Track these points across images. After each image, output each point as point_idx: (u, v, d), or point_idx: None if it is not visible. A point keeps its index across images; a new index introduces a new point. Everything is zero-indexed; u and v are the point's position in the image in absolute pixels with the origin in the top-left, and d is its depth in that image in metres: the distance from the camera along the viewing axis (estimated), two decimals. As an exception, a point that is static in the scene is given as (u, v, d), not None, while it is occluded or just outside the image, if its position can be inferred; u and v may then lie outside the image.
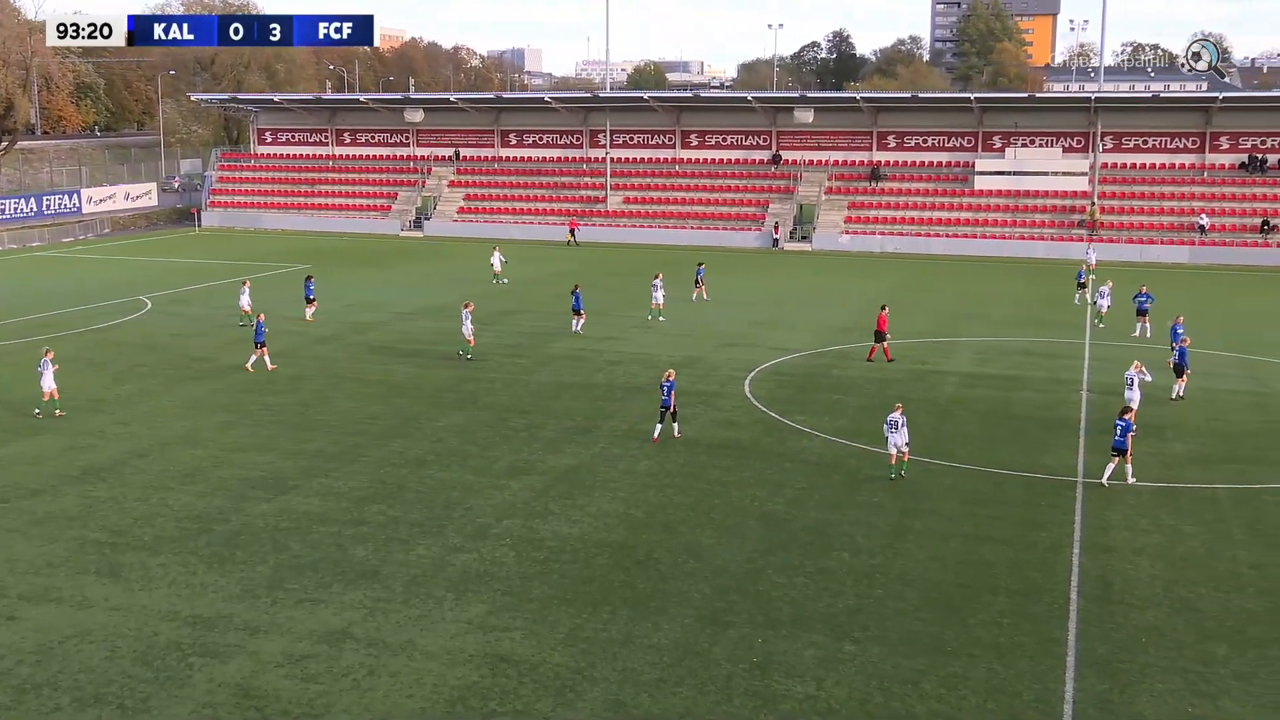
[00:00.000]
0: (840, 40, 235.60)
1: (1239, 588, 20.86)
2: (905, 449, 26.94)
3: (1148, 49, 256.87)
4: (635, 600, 20.04)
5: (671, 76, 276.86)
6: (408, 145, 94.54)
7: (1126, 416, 26.97)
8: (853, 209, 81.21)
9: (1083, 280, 53.98)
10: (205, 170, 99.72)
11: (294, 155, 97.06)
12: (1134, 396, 30.86)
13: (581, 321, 45.35)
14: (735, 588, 20.63)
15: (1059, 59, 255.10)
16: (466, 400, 34.51)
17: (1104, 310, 47.41)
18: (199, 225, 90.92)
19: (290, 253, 73.20)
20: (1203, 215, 74.33)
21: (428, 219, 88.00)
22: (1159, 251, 73.00)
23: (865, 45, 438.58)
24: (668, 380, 30.06)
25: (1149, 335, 44.51)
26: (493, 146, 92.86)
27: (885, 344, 40.21)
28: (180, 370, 38.40)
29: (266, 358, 38.30)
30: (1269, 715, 16.40)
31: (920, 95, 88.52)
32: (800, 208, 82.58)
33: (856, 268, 68.78)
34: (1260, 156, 77.47)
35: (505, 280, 58.83)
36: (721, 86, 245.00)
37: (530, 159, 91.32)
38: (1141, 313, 45.44)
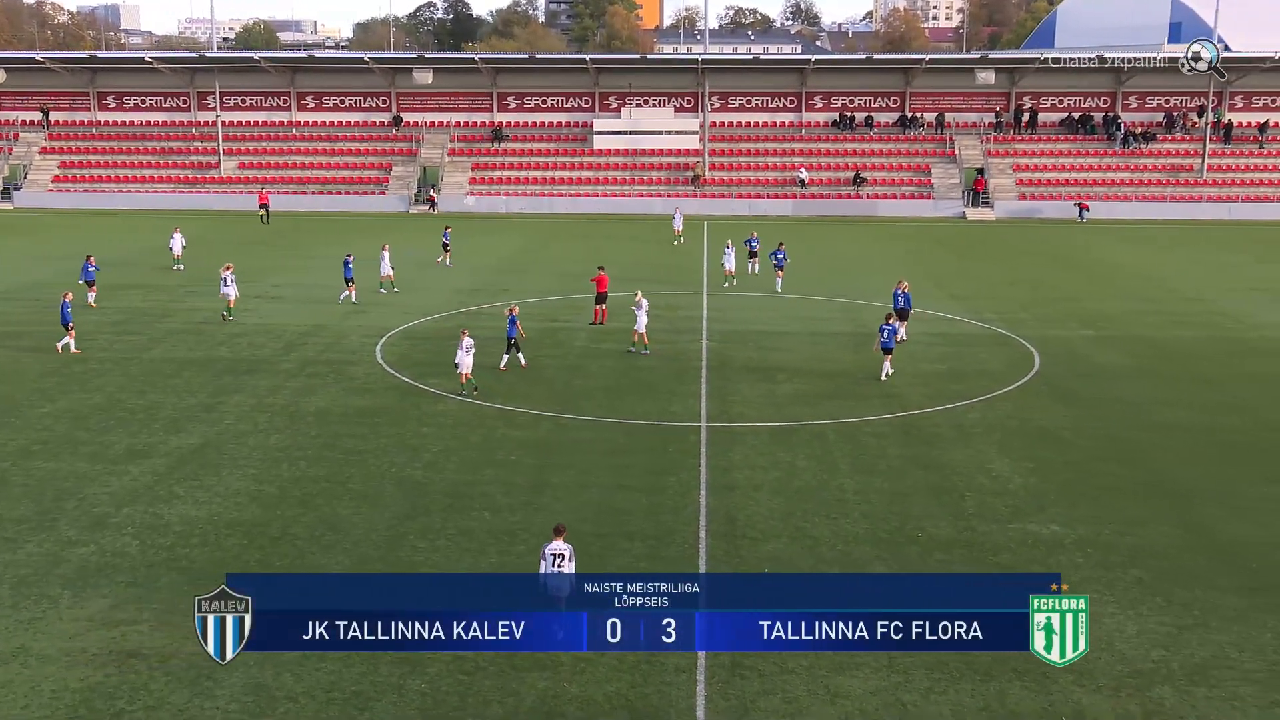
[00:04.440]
0: (456, 0, 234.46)
1: (845, 513, 22.71)
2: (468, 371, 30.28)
3: (748, 13, 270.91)
4: (272, 579, 19.43)
5: (284, 36, 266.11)
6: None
7: (891, 322, 32.11)
8: (476, 170, 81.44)
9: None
10: None
11: None
12: (641, 319, 35.54)
13: (353, 292, 43.76)
14: (376, 556, 20.41)
15: (668, 21, 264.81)
16: (74, 383, 32.13)
17: (730, 270, 49.12)
18: None
19: None
20: (802, 170, 79.69)
21: (17, 189, 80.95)
22: (766, 205, 77.73)
23: (482, 6, 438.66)
24: (510, 314, 33.08)
25: (779, 289, 47.13)
26: (89, 110, 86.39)
27: (604, 306, 40.12)
28: None
29: (72, 339, 35.42)
30: (876, 627, 17.96)
31: (538, 56, 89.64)
32: (424, 170, 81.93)
33: (483, 229, 69.04)
34: (849, 115, 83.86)
35: (180, 267, 51.89)
36: (337, 46, 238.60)
37: (133, 123, 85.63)
38: (779, 267, 47.85)
